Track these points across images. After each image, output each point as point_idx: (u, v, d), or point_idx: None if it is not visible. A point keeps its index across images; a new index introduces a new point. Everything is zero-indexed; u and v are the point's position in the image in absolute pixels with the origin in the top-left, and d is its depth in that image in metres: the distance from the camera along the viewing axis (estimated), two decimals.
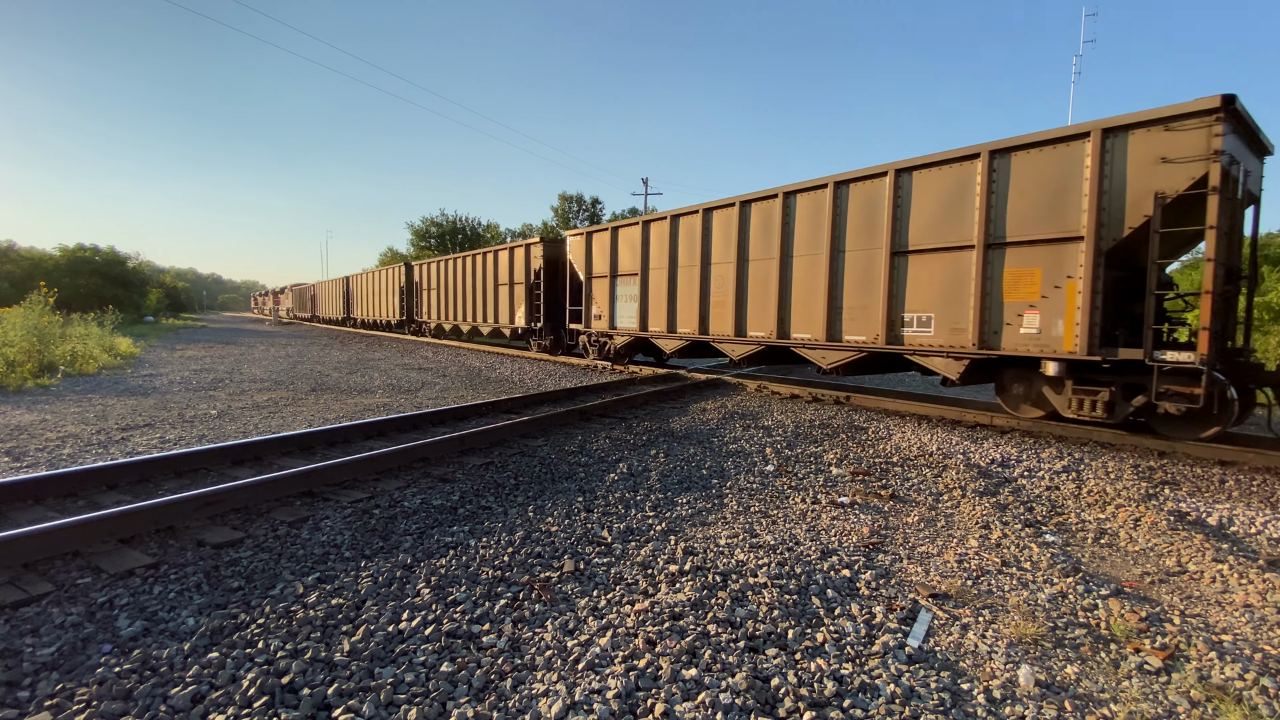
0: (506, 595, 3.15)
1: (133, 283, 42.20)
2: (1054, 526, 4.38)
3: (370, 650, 2.62)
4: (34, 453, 5.88)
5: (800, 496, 4.91)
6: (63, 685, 2.34)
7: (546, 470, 5.52)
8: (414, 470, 5.39)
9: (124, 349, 15.88)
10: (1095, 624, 3.00)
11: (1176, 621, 3.05)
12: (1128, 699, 2.42)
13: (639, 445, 6.53)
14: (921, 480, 5.44)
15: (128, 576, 3.28)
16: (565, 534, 4.00)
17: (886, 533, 4.18)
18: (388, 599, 3.09)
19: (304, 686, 2.37)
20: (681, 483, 5.23)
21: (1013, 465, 5.93)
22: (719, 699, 2.31)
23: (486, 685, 2.42)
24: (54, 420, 7.49)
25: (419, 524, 4.16)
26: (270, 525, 4.05)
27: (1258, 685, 2.50)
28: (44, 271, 35.67)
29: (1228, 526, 4.42)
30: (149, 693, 2.30)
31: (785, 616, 2.97)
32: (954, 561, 3.71)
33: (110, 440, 6.48)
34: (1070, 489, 5.23)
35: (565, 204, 53.18)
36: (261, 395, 9.89)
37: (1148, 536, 4.19)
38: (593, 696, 2.33)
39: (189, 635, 2.71)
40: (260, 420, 7.77)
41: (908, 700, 2.36)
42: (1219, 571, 3.62)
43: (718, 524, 4.28)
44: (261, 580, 3.29)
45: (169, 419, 7.73)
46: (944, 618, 3.03)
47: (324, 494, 4.66)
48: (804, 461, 6.01)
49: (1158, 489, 5.20)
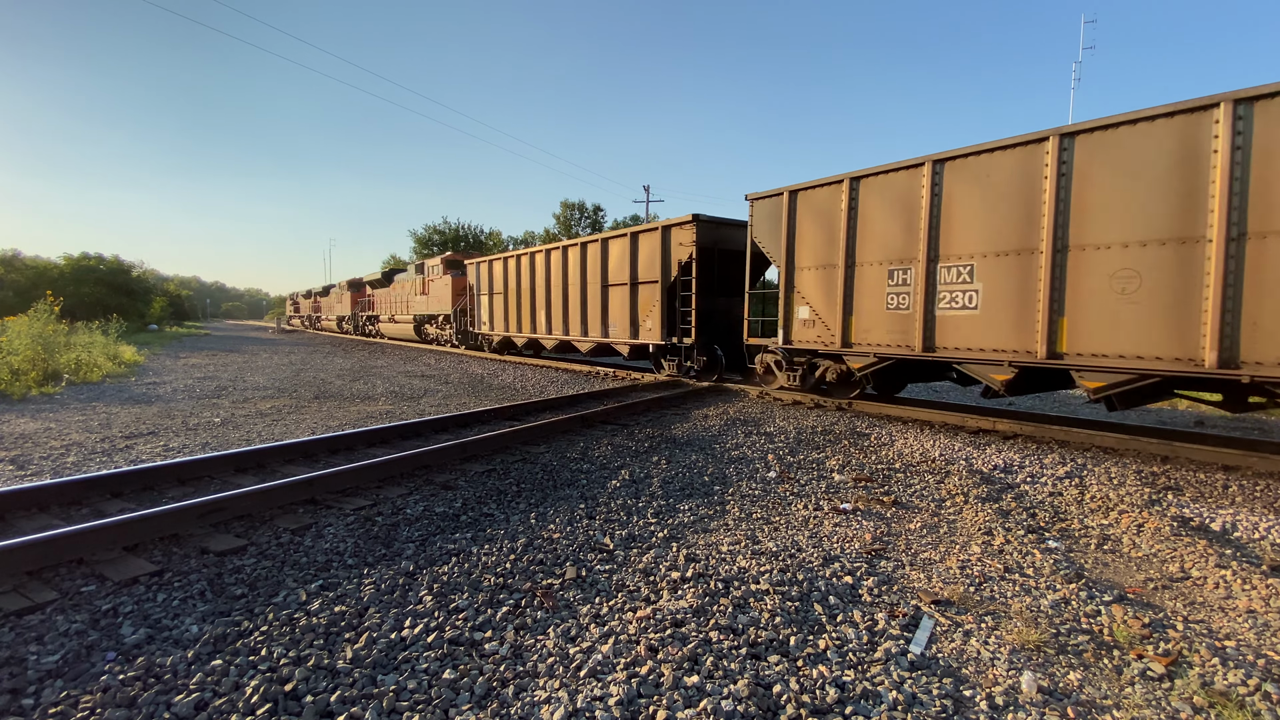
0: (509, 602, 3.15)
1: (136, 291, 42.44)
2: (1057, 533, 4.37)
3: (373, 657, 2.63)
4: (38, 461, 5.91)
5: (802, 503, 4.91)
6: (67, 693, 2.35)
7: (549, 477, 5.53)
8: (416, 477, 5.40)
9: (128, 357, 15.95)
10: (1098, 630, 3.00)
11: (1179, 627, 3.04)
12: (1130, 705, 2.41)
13: (641, 452, 6.54)
14: (924, 486, 5.43)
15: (132, 584, 3.29)
16: (567, 541, 4.00)
17: (889, 539, 4.17)
18: (390, 606, 3.10)
19: (307, 694, 2.38)
20: (683, 489, 5.23)
21: (1015, 471, 5.92)
22: (721, 706, 2.31)
23: (489, 692, 2.43)
24: (58, 428, 7.52)
25: (421, 531, 4.17)
26: (273, 533, 4.07)
27: (1260, 691, 2.49)
28: (49, 280, 35.87)
29: (1231, 532, 4.41)
30: (153, 700, 2.31)
31: (787, 623, 2.97)
32: (956, 568, 3.71)
33: (114, 448, 6.51)
34: (1073, 495, 5.22)
35: (567, 211, 53.37)
36: (264, 403, 9.92)
37: (1151, 542, 4.18)
38: (595, 703, 2.33)
39: (193, 643, 2.72)
40: (263, 428, 7.80)
41: (910, 707, 2.36)
42: (1222, 577, 3.61)
43: (720, 531, 4.28)
44: (265, 588, 3.30)
45: (172, 427, 7.76)
46: (946, 624, 3.02)
47: (327, 501, 4.67)
48: (806, 468, 6.00)
49: (1161, 495, 5.19)
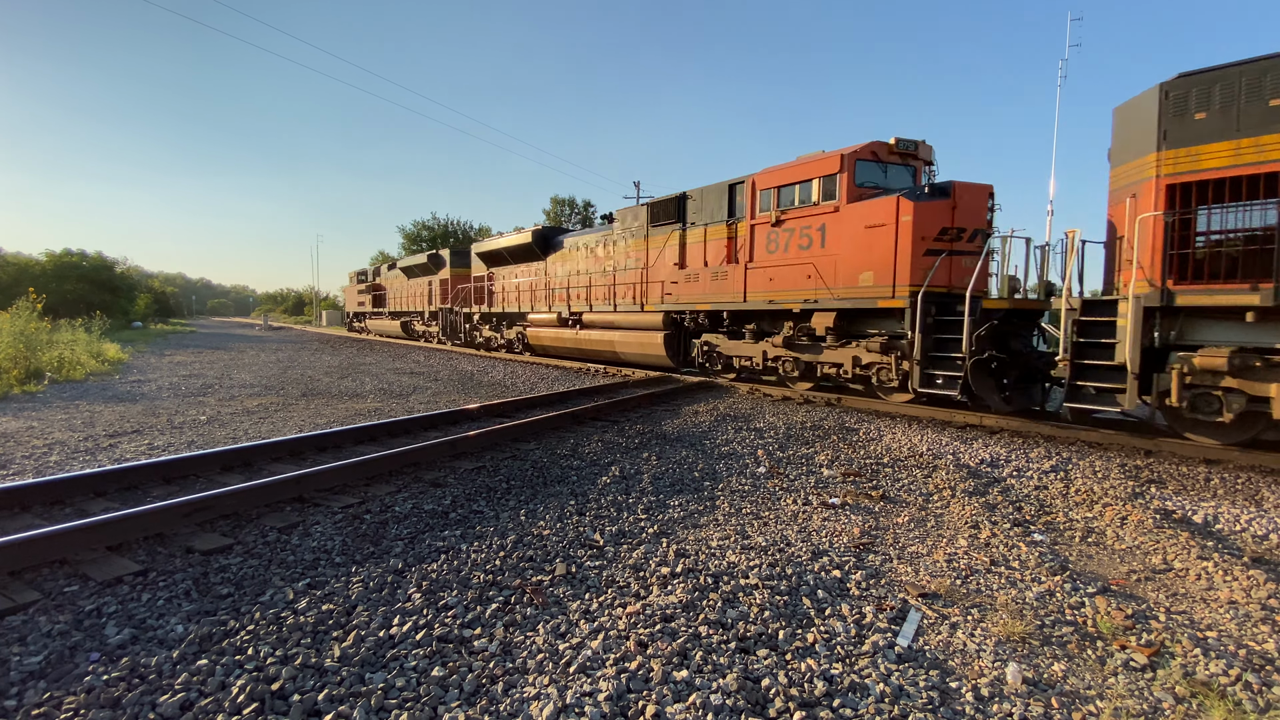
0: (498, 599, 3.15)
1: (120, 288, 41.83)
2: (1042, 526, 4.42)
3: (361, 655, 2.61)
4: (20, 460, 5.82)
5: (791, 498, 4.93)
6: (50, 694, 2.32)
7: (538, 474, 5.52)
8: (405, 475, 5.38)
9: (111, 355, 15.74)
10: (1082, 622, 3.03)
11: (1162, 618, 3.08)
12: (1114, 695, 2.45)
13: (631, 448, 6.54)
14: (912, 481, 5.47)
15: (116, 584, 3.25)
16: (557, 537, 4.00)
17: (877, 533, 4.20)
18: (379, 604, 3.08)
19: (294, 693, 2.36)
20: (673, 485, 5.24)
21: (1002, 465, 5.98)
22: (710, 700, 2.31)
23: (478, 689, 2.42)
24: (41, 427, 7.42)
25: (410, 529, 4.15)
26: (260, 531, 4.03)
27: (1241, 681, 2.53)
28: (31, 277, 35.28)
29: (1213, 524, 4.47)
30: (137, 700, 2.28)
31: (776, 617, 2.99)
32: (943, 561, 3.74)
33: (98, 447, 6.43)
34: (1058, 488, 5.27)
35: (557, 207, 53.19)
36: (251, 401, 9.83)
37: (1134, 535, 4.23)
38: (584, 699, 2.33)
39: (178, 642, 2.69)
40: (250, 426, 7.72)
41: (897, 699, 2.38)
42: (1204, 569, 3.67)
43: (709, 526, 4.29)
44: (251, 587, 3.27)
45: (157, 425, 7.67)
46: (933, 617, 3.05)
47: (314, 499, 4.64)
48: (795, 463, 6.03)
49: (1144, 488, 5.26)
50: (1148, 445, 6.51)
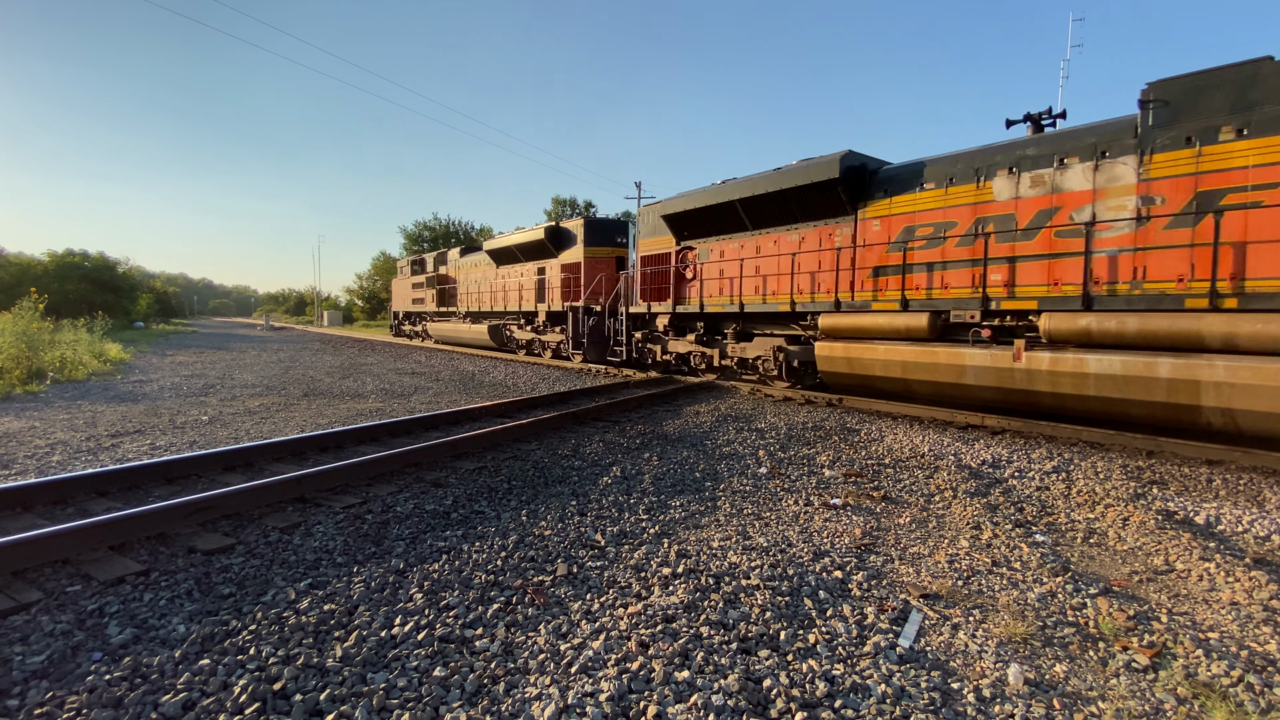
0: (499, 599, 3.15)
1: (122, 288, 41.83)
2: (1044, 526, 4.42)
3: (363, 655, 2.62)
4: (23, 460, 5.83)
5: (793, 498, 4.93)
6: (52, 693, 2.33)
7: (540, 474, 5.52)
8: (406, 475, 5.38)
9: (113, 355, 15.77)
10: (1084, 623, 3.03)
11: (1164, 620, 3.08)
12: (1115, 696, 2.44)
13: (632, 448, 6.54)
14: (913, 481, 5.47)
15: (118, 584, 3.26)
16: (558, 538, 4.00)
17: (878, 534, 4.20)
18: (380, 604, 3.08)
19: (296, 693, 2.37)
20: (675, 485, 5.24)
21: (1003, 466, 5.98)
22: (711, 700, 2.31)
23: (479, 689, 2.42)
24: (43, 427, 7.43)
25: (412, 529, 4.15)
26: (262, 531, 4.04)
27: (1243, 682, 2.53)
28: (33, 277, 35.29)
29: (1215, 525, 4.47)
30: (140, 700, 2.29)
31: (777, 618, 2.98)
32: (945, 562, 3.74)
33: (100, 447, 6.44)
34: (1060, 489, 5.27)
35: (559, 207, 53.20)
36: (253, 401, 9.84)
37: (1136, 536, 4.23)
38: (585, 699, 2.33)
39: (180, 642, 2.70)
40: (252, 426, 7.73)
41: (898, 700, 2.38)
42: (1206, 570, 3.66)
43: (711, 526, 4.29)
44: (253, 587, 3.28)
45: (159, 425, 7.68)
46: (935, 618, 3.05)
47: (316, 499, 4.65)
48: (797, 464, 6.03)
49: (1146, 488, 5.25)
50: (1150, 445, 6.50)
